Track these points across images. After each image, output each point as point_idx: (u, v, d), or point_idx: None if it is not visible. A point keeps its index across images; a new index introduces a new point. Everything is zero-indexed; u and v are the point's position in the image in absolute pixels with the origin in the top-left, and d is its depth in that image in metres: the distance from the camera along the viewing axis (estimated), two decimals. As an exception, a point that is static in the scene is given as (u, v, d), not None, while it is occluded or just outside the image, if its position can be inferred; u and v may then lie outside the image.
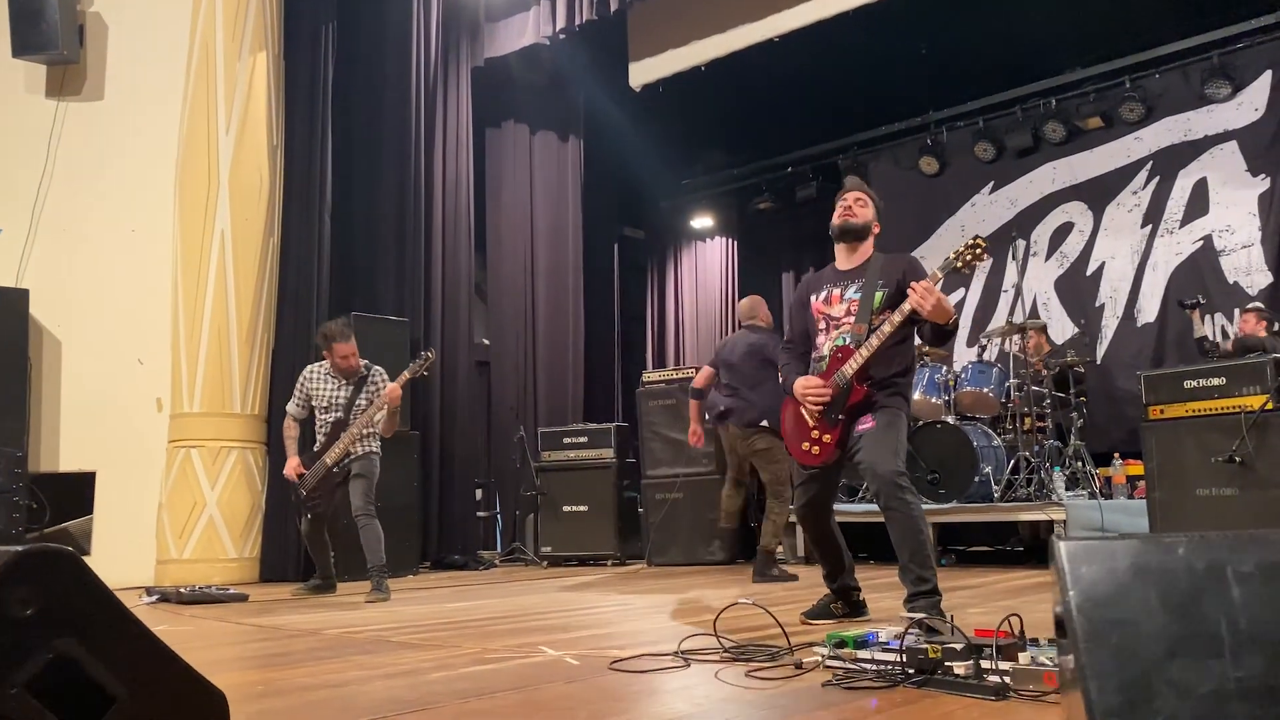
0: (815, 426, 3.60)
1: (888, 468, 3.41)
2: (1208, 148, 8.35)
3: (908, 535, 3.40)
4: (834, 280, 3.73)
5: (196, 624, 4.36)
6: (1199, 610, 0.98)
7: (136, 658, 1.26)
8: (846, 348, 3.55)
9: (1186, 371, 5.41)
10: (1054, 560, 1.13)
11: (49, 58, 7.26)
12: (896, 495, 3.38)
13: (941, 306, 3.30)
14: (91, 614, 1.23)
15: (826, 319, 3.68)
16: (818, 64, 8.81)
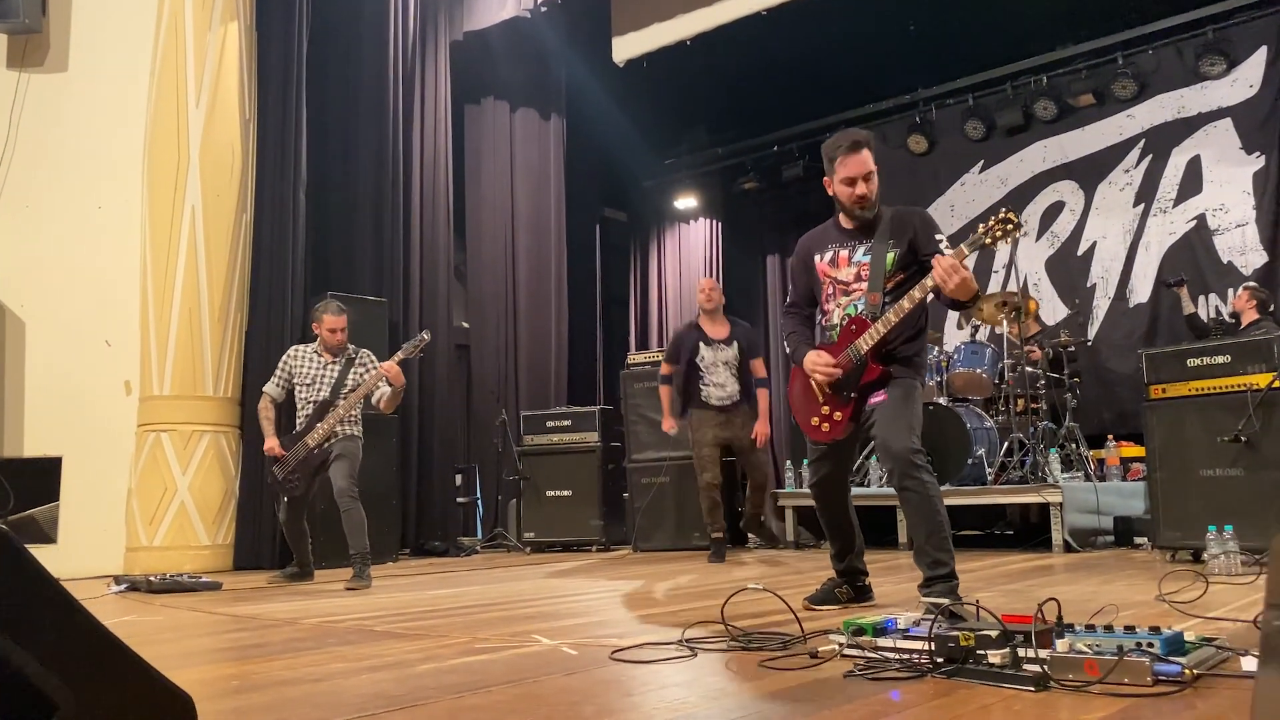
0: (826, 402, 3.42)
1: (902, 444, 3.21)
2: (1201, 125, 8.22)
3: (924, 516, 3.21)
4: (839, 239, 3.48)
5: (167, 614, 4.15)
6: None
7: (84, 657, 1.06)
8: (860, 319, 3.35)
9: (1189, 349, 5.28)
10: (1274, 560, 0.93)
11: (10, 27, 6.96)
12: (912, 474, 3.19)
13: (966, 285, 3.09)
14: (29, 606, 1.03)
15: (834, 283, 3.46)
16: (805, 40, 8.62)
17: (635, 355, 8.09)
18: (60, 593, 1.09)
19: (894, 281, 3.33)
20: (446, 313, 8.45)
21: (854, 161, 3.35)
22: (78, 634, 1.07)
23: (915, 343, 3.41)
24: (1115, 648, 2.06)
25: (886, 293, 3.32)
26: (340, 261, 7.73)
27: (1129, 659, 2.00)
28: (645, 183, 11.99)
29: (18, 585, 1.03)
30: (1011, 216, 3.14)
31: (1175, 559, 5.20)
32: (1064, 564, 5.38)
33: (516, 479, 8.02)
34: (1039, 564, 5.42)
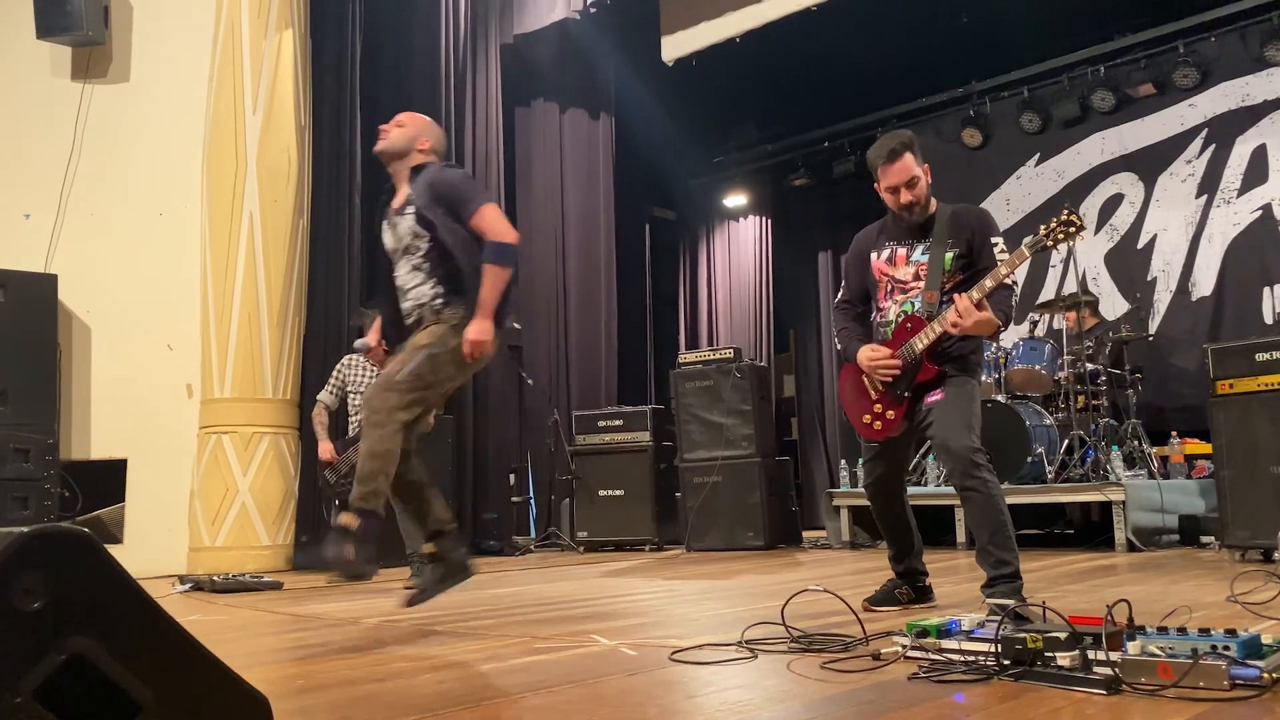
0: (879, 400, 3.38)
1: (962, 443, 3.16)
2: (1267, 113, 8.00)
3: (988, 516, 3.16)
4: (897, 237, 3.44)
5: (231, 613, 4.22)
6: None
7: (165, 657, 1.08)
8: (917, 317, 3.31)
9: (1258, 344, 5.14)
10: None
11: (74, 39, 7.15)
12: (973, 474, 3.15)
13: (983, 325, 3.11)
14: (111, 607, 1.05)
15: (891, 281, 3.43)
16: (856, 34, 8.54)
17: (686, 354, 8.07)
18: (140, 595, 1.11)
19: (952, 282, 3.30)
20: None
21: (894, 171, 3.33)
22: (158, 635, 1.10)
23: (970, 340, 3.35)
24: (1190, 650, 2.01)
25: (944, 292, 3.28)
26: (394, 264, 7.80)
27: (1205, 662, 1.95)
28: (694, 181, 11.96)
29: (101, 587, 1.06)
30: (1075, 218, 3.09)
31: (1245, 558, 5.07)
32: (1128, 563, 5.27)
33: (569, 478, 8.04)
34: (1102, 564, 5.31)
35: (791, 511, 7.90)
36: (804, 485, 11.09)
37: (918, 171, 3.34)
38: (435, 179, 3.44)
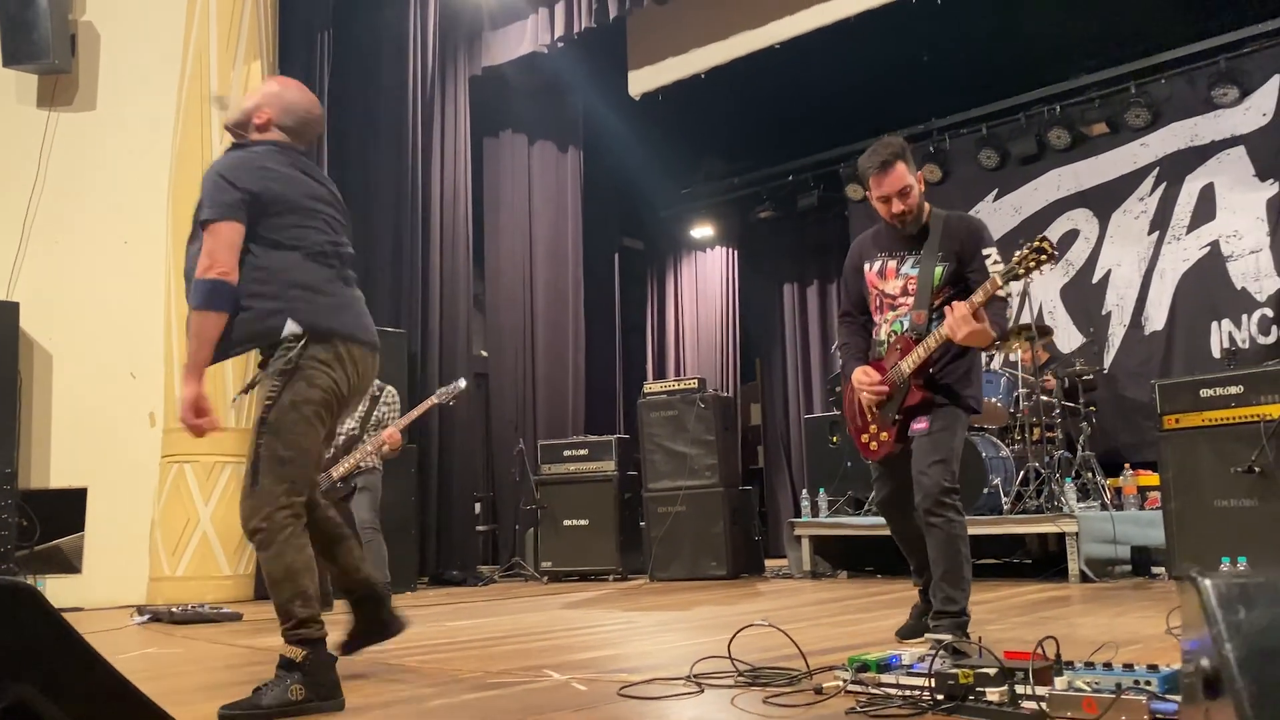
0: (873, 421, 3.41)
1: (933, 479, 3.21)
2: (1215, 153, 8.24)
3: (944, 553, 3.23)
4: (889, 248, 3.41)
5: (188, 645, 4.22)
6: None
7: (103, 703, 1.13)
8: (905, 338, 3.30)
9: (1203, 380, 5.29)
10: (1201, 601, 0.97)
11: (40, 67, 7.15)
12: (938, 511, 3.20)
13: (978, 335, 3.09)
14: (52, 655, 1.10)
15: (881, 295, 3.41)
16: (819, 71, 8.72)
17: (651, 384, 8.14)
18: (80, 644, 1.16)
19: (941, 297, 3.26)
20: (466, 342, 8.55)
21: (886, 180, 3.27)
22: (97, 682, 1.14)
23: (963, 360, 3.34)
24: (1114, 685, 2.09)
25: (934, 309, 3.26)
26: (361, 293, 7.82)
27: (1126, 697, 2.03)
28: (662, 212, 12.09)
29: (43, 637, 1.10)
30: (1046, 245, 3.06)
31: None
32: (1080, 594, 5.37)
33: (534, 508, 8.07)
34: (1055, 594, 5.41)
35: (755, 541, 7.96)
36: (769, 513, 11.17)
37: (910, 180, 3.28)
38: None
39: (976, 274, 3.23)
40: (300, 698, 2.54)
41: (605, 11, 7.94)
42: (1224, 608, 0.91)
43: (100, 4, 7.44)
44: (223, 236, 2.65)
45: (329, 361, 2.74)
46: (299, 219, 2.81)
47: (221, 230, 2.65)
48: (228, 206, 2.67)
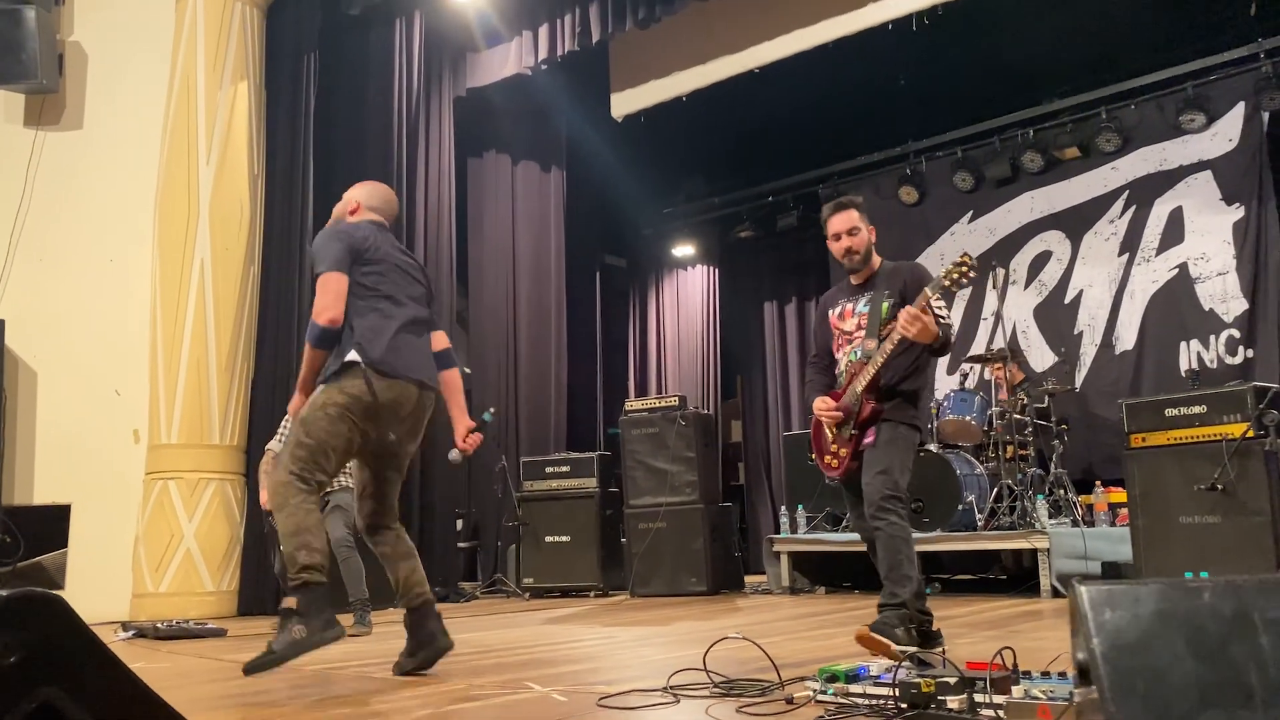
0: (834, 440, 3.73)
1: (876, 488, 3.50)
2: (1183, 177, 8.45)
3: (887, 552, 3.49)
4: (848, 294, 3.83)
5: (173, 660, 4.28)
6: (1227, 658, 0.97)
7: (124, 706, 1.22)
8: (859, 363, 3.65)
9: (1167, 400, 5.45)
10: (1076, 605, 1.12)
11: (28, 87, 7.23)
12: (880, 515, 3.47)
13: (926, 330, 3.40)
14: (78, 660, 1.20)
15: (840, 333, 3.80)
16: (798, 94, 8.89)
17: (632, 402, 8.25)
18: (103, 650, 1.26)
19: (889, 328, 3.59)
20: (448, 360, 8.62)
21: (838, 220, 3.76)
22: (118, 686, 1.24)
23: (913, 379, 3.67)
24: (1068, 694, 2.20)
25: (882, 338, 3.60)
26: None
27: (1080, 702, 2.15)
28: (645, 231, 12.23)
29: (68, 643, 1.20)
30: (967, 259, 3.44)
31: (1157, 604, 5.32)
32: (1051, 609, 5.49)
33: (516, 525, 8.14)
34: (1027, 609, 5.53)
35: (734, 557, 8.07)
36: (749, 529, 11.27)
37: (859, 224, 3.74)
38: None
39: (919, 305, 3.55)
40: (302, 636, 3.16)
41: (588, 35, 8.08)
42: (1093, 609, 1.05)
43: (88, 25, 7.53)
44: (322, 283, 3.41)
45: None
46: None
47: (323, 279, 3.42)
48: (332, 255, 3.43)
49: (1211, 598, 1.03)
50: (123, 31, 7.55)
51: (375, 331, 3.36)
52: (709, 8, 8.00)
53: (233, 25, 7.28)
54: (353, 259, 3.40)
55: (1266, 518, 4.93)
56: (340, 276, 3.35)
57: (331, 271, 3.36)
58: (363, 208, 3.68)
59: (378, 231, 3.59)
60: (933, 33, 7.49)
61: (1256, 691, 0.94)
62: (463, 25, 8.68)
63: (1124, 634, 1.02)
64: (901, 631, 3.35)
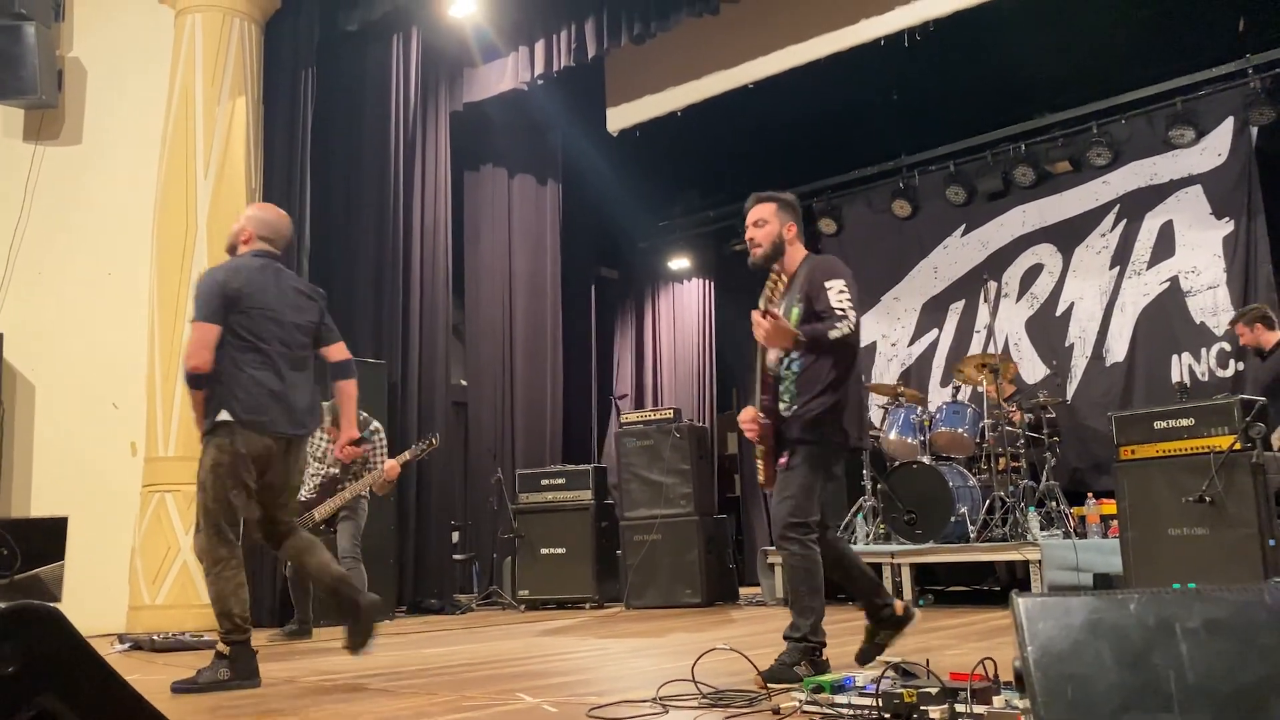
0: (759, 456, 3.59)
1: (779, 516, 3.41)
2: (1173, 191, 8.52)
3: (790, 582, 3.44)
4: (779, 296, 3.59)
5: (170, 672, 4.30)
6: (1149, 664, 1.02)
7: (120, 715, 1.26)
8: (767, 375, 3.49)
9: (1156, 412, 5.49)
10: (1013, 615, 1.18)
11: (27, 102, 7.28)
12: (782, 545, 3.40)
13: (773, 334, 3.25)
14: (75, 671, 1.24)
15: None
16: (791, 109, 8.96)
17: (627, 414, 8.29)
18: (98, 660, 1.30)
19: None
20: (445, 372, 8.68)
21: (750, 212, 3.65)
22: (114, 696, 1.28)
23: (822, 398, 3.41)
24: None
25: (789, 352, 3.45)
26: (341, 325, 7.84)
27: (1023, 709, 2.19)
28: (640, 244, 12.29)
29: (65, 653, 1.24)
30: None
31: (1147, 616, 5.35)
32: (1040, 621, 5.52)
33: (511, 537, 8.17)
34: (1017, 621, 5.57)
35: (729, 569, 8.09)
36: (745, 541, 11.29)
37: (771, 219, 3.58)
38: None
39: (821, 304, 3.38)
40: (226, 678, 3.61)
41: (584, 51, 8.16)
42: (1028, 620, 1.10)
43: (87, 40, 7.60)
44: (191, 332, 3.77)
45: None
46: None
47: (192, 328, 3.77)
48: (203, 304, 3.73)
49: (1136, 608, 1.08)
50: (122, 47, 7.61)
51: (245, 389, 3.69)
52: (703, 24, 8.08)
53: (231, 40, 7.34)
54: (226, 309, 3.69)
55: (1253, 529, 4.96)
56: (210, 328, 3.67)
57: (203, 322, 3.68)
58: (255, 237, 3.89)
59: (259, 270, 3.82)
60: (925, 48, 7.57)
61: (1175, 696, 0.99)
62: (459, 41, 8.75)
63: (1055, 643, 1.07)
64: (802, 668, 3.25)
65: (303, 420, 3.87)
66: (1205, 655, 1.02)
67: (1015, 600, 1.21)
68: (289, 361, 3.80)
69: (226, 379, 3.66)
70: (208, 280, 3.77)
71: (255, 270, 3.79)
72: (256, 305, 3.74)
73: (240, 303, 3.70)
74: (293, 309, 3.85)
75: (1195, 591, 1.13)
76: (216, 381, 3.67)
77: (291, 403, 3.80)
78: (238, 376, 3.67)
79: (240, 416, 3.67)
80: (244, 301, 3.71)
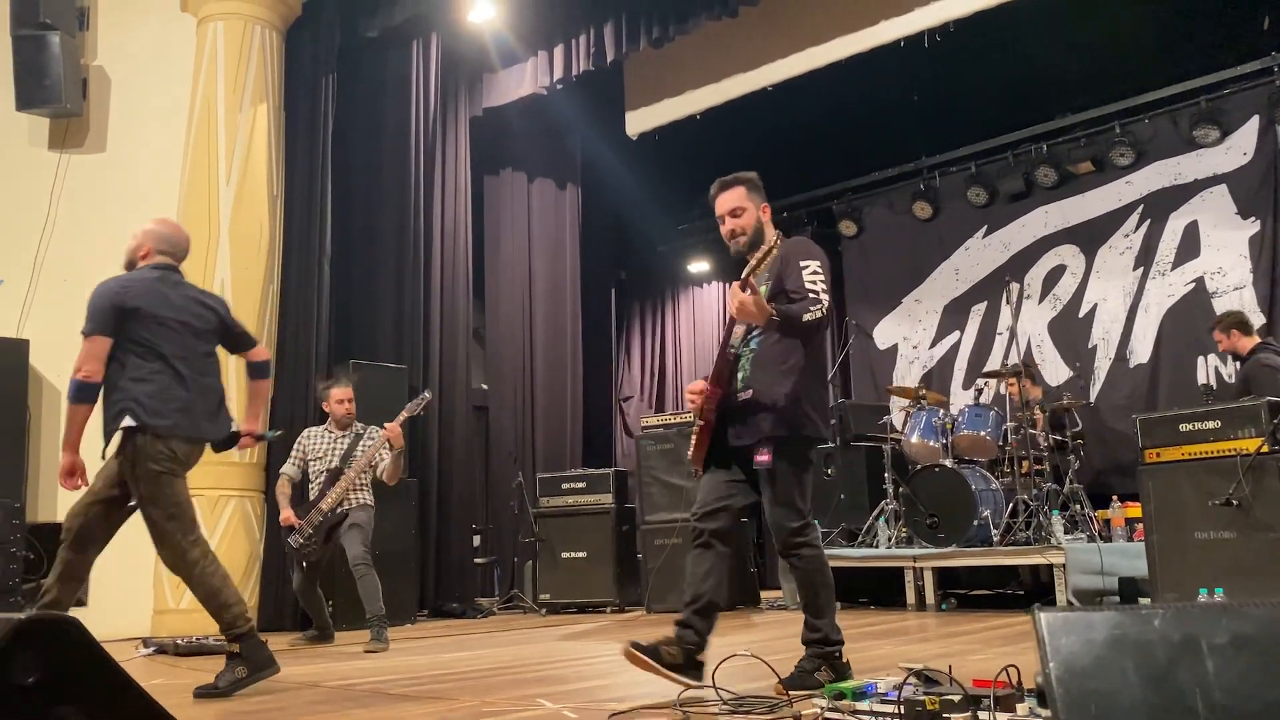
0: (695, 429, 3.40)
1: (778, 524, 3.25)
2: (1198, 191, 8.44)
3: (804, 586, 3.31)
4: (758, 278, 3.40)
5: (194, 676, 4.33)
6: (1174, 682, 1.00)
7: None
8: (727, 353, 3.34)
9: (1182, 415, 5.43)
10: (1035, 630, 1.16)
11: (53, 111, 7.35)
12: (790, 554, 3.28)
13: (746, 309, 3.05)
14: (93, 681, 1.25)
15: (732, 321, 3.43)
16: (812, 111, 8.93)
17: (648, 418, 8.28)
18: (115, 669, 1.30)
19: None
20: (465, 376, 8.70)
21: (721, 201, 3.46)
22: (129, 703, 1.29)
23: (782, 383, 3.24)
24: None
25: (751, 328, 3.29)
26: (362, 329, 8.01)
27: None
28: (659, 247, 12.29)
29: (84, 664, 1.25)
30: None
31: (1173, 621, 5.29)
32: (1065, 625, 5.47)
33: (532, 541, 8.18)
34: (1041, 625, 5.51)
35: (750, 572, 8.06)
36: (766, 544, 11.24)
37: (744, 204, 3.41)
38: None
39: (792, 283, 3.23)
40: (244, 675, 3.67)
41: (603, 55, 8.17)
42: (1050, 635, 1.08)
43: (111, 49, 7.67)
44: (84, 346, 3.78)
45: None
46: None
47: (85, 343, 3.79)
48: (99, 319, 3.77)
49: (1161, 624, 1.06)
50: (145, 56, 7.68)
51: (150, 396, 3.75)
52: (722, 27, 8.07)
53: (252, 48, 7.39)
54: (119, 321, 3.75)
55: (1281, 533, 4.90)
56: (102, 340, 3.73)
57: (94, 335, 3.72)
58: (153, 251, 3.97)
59: (155, 282, 3.89)
60: (945, 49, 7.53)
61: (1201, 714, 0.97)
62: (479, 46, 8.78)
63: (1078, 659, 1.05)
64: (823, 674, 3.18)
65: (202, 426, 3.92)
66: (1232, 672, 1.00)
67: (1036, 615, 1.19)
68: (190, 369, 3.87)
69: (129, 388, 3.73)
70: (101, 294, 3.81)
71: (151, 282, 3.88)
72: (153, 315, 3.81)
73: (137, 314, 3.77)
74: (192, 317, 3.95)
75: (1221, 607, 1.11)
76: (118, 391, 3.74)
77: (193, 409, 3.87)
78: (141, 386, 3.74)
79: (145, 421, 3.74)
80: (140, 312, 3.78)
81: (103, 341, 3.71)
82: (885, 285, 10.31)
